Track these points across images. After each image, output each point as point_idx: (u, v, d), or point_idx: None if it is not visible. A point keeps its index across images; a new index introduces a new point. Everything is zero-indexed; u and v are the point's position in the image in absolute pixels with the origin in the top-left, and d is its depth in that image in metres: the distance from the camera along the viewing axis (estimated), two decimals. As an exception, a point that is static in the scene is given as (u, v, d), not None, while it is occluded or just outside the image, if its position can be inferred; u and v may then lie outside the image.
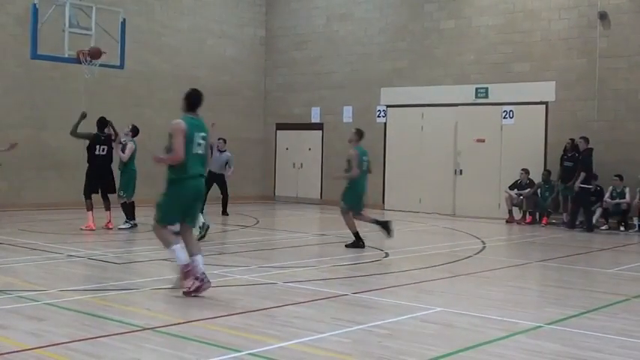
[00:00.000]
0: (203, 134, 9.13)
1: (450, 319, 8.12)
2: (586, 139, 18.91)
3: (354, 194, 14.14)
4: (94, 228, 15.46)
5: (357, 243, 14.04)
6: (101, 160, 15.78)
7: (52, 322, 7.57)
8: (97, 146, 15.77)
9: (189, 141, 8.90)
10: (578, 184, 18.58)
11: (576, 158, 19.19)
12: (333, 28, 25.13)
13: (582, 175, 18.61)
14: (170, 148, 8.87)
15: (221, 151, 20.32)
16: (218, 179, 20.36)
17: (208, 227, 14.59)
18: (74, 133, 15.67)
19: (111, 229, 15.69)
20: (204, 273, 8.91)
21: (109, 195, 16.00)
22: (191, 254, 8.98)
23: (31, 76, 20.00)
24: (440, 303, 8.91)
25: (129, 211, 16.21)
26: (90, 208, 15.62)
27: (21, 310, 7.98)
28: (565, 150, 19.42)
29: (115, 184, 16.15)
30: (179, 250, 8.91)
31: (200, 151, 9.04)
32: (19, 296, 8.64)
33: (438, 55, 22.74)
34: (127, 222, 16.10)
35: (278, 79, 26.45)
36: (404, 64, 23.42)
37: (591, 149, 18.87)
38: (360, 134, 14.38)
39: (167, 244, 9.03)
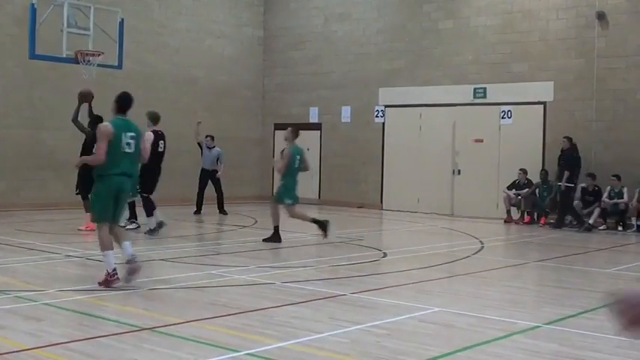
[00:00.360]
0: (132, 134, 9.76)
1: (448, 319, 8.13)
2: (569, 139, 19.04)
3: (291, 190, 14.92)
4: (94, 228, 15.31)
5: (276, 237, 14.77)
6: None
7: (50, 322, 7.57)
8: (94, 145, 15.63)
9: (117, 141, 9.57)
10: (564, 183, 18.67)
11: (575, 158, 19.30)
12: (331, 28, 25.13)
13: (566, 174, 18.77)
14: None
15: (210, 148, 20.51)
16: (211, 176, 20.51)
17: (163, 224, 15.16)
18: (75, 120, 15.44)
19: None
20: (133, 254, 9.51)
21: None
22: (120, 242, 9.71)
23: (29, 76, 20.00)
24: (438, 303, 8.92)
25: (132, 210, 16.07)
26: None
27: (19, 310, 7.98)
28: (562, 150, 19.45)
29: None
30: (111, 256, 9.48)
31: (129, 150, 9.69)
32: (17, 296, 8.64)
33: (436, 55, 22.75)
34: (133, 222, 15.94)
35: (276, 79, 26.45)
36: (402, 64, 23.42)
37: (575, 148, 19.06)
38: (295, 133, 15.18)
39: (103, 247, 9.55)
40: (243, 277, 10.51)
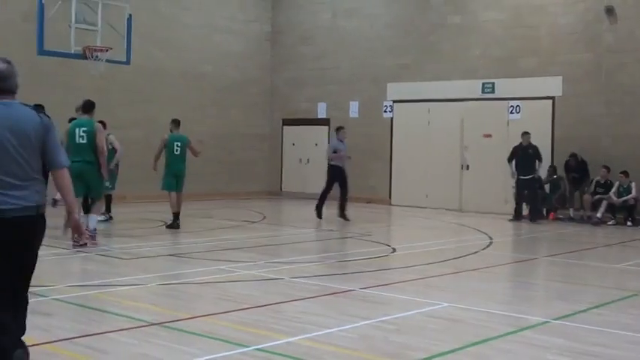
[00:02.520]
0: (84, 129, 12.77)
1: (457, 314, 8.12)
2: (528, 134, 19.51)
3: (165, 175, 15.90)
4: None
5: (174, 223, 15.69)
6: None
7: (59, 317, 7.59)
8: None
9: (72, 135, 12.76)
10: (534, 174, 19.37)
11: (582, 169, 19.38)
12: (339, 23, 25.09)
13: (539, 164, 19.45)
14: None
15: (342, 140, 18.69)
16: (342, 173, 18.39)
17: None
18: None
19: None
20: (94, 229, 12.39)
21: None
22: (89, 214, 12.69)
23: (38, 72, 19.97)
24: (447, 298, 8.90)
25: (108, 203, 16.18)
26: None
27: (28, 305, 7.97)
28: (568, 164, 19.56)
29: None
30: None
31: (82, 141, 12.70)
32: (26, 292, 8.64)
33: (444, 50, 22.69)
34: (104, 214, 16.07)
35: (284, 75, 26.42)
36: (410, 59, 23.37)
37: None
38: (174, 123, 16.25)
39: None
40: (251, 272, 10.52)
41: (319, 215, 18.24)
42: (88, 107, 13.30)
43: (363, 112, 24.40)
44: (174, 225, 15.64)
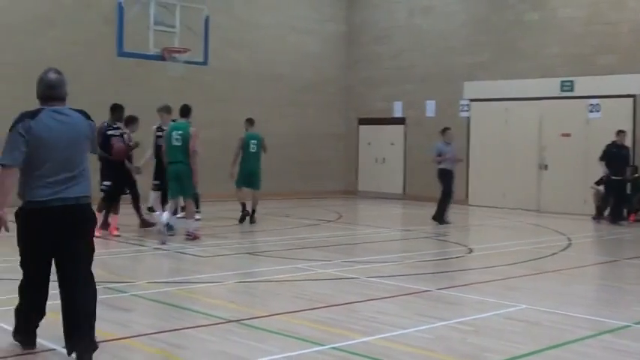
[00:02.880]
0: (179, 132, 13.32)
1: (535, 316, 8.01)
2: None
3: (239, 173, 16.48)
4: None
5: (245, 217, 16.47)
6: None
7: (139, 313, 7.74)
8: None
9: (169, 137, 13.45)
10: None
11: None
12: (414, 21, 24.98)
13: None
14: None
15: (449, 143, 18.27)
16: (450, 176, 18.23)
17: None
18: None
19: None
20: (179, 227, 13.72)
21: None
22: (187, 215, 13.96)
23: (117, 73, 20.35)
24: (525, 300, 8.78)
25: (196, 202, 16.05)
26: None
27: (109, 301, 8.14)
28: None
29: None
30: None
31: (177, 143, 13.25)
32: (107, 287, 8.81)
33: (521, 48, 22.38)
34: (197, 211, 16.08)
35: (360, 74, 26.41)
36: (487, 57, 23.11)
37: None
38: (249, 122, 16.81)
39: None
40: (328, 271, 10.54)
41: (443, 222, 17.45)
42: (184, 111, 13.93)
43: (439, 111, 24.23)
44: (244, 218, 16.32)
